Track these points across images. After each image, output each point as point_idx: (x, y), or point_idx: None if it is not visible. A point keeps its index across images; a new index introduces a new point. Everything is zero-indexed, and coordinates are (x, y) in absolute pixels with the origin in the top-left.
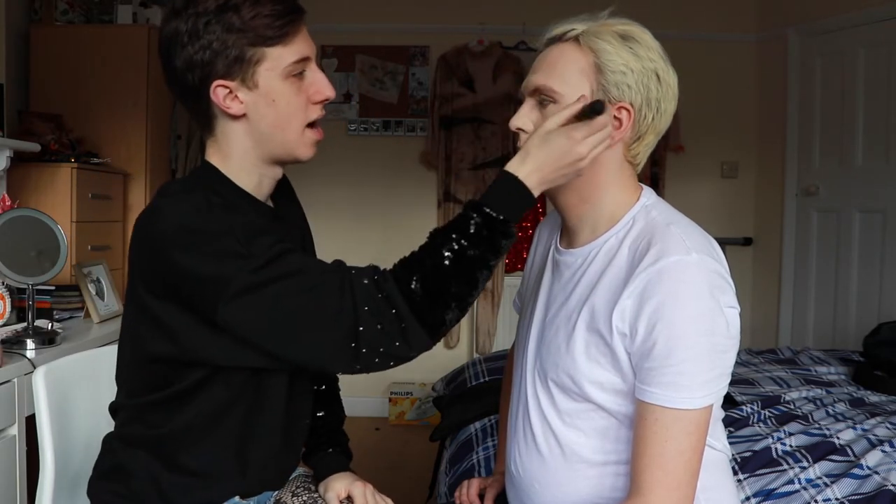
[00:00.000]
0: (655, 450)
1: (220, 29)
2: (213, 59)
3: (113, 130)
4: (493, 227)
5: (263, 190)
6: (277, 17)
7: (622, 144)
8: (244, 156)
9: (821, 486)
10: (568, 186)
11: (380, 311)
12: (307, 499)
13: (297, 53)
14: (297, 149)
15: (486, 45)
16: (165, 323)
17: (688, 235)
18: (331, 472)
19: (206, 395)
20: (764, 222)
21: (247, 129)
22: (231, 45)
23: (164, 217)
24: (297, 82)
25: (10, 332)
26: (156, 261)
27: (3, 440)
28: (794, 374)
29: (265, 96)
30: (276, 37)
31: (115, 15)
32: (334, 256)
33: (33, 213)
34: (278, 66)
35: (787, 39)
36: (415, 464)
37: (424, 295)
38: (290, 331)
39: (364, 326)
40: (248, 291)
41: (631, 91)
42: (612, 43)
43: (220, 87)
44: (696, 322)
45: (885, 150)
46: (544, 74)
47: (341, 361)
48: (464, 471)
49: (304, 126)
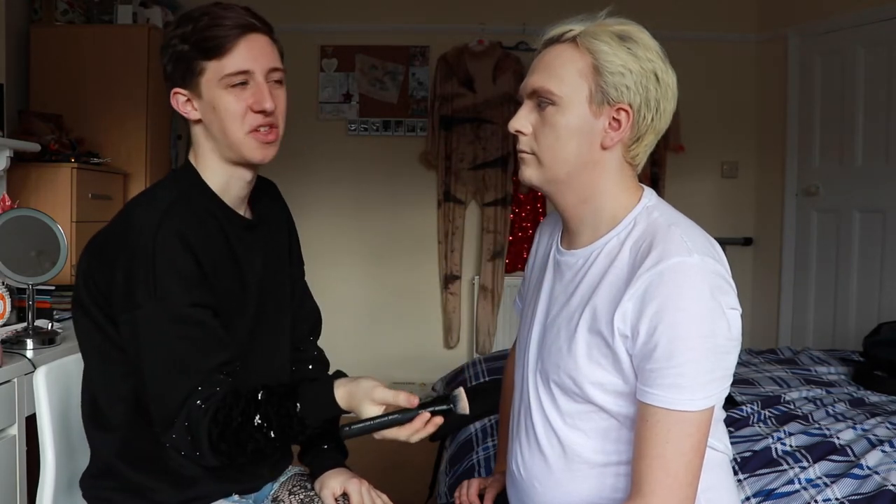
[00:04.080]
0: (656, 451)
1: (178, 42)
2: (174, 69)
3: (113, 130)
4: (300, 428)
5: (233, 191)
6: (218, 32)
7: (621, 145)
8: (209, 156)
9: (821, 486)
10: (568, 187)
11: (187, 442)
12: (304, 497)
13: (232, 66)
14: (244, 151)
15: (486, 45)
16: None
17: (689, 237)
18: (326, 468)
19: None
20: (764, 222)
21: (205, 133)
22: (183, 57)
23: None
24: (237, 92)
25: (10, 332)
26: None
27: (3, 440)
28: (794, 374)
29: (209, 104)
30: (211, 48)
31: (115, 15)
32: (335, 256)
33: (33, 213)
34: (215, 77)
35: (787, 39)
36: (415, 464)
37: (226, 450)
38: (152, 372)
39: (176, 435)
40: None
41: (630, 92)
42: (609, 44)
43: (179, 94)
44: (698, 324)
45: (885, 150)
46: (542, 76)
47: (163, 427)
48: (464, 471)
49: (246, 132)
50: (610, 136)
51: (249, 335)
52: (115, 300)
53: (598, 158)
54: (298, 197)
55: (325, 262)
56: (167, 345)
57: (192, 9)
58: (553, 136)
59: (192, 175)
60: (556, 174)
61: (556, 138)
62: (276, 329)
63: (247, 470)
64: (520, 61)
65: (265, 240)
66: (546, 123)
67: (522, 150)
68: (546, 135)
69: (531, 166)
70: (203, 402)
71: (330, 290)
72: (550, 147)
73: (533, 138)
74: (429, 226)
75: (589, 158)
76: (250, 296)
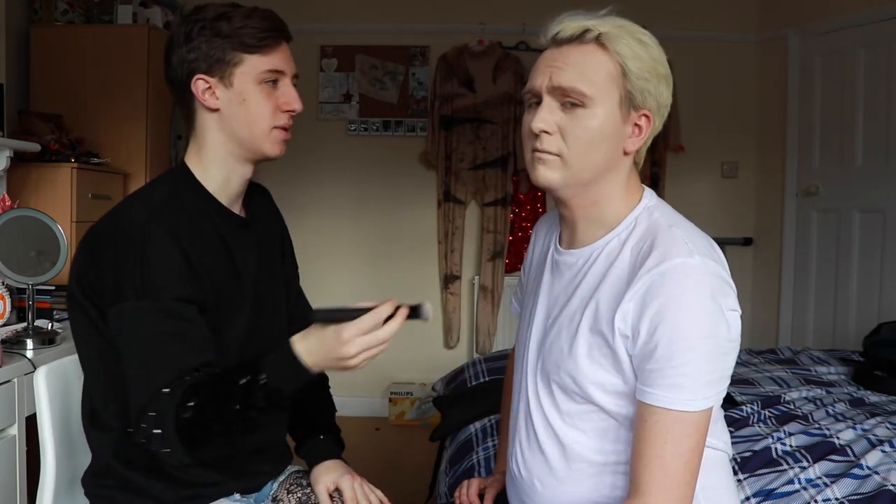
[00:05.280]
0: (655, 451)
1: (209, 33)
2: (198, 58)
3: (113, 130)
4: (271, 399)
5: (231, 189)
6: (261, 31)
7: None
8: (216, 149)
9: (821, 486)
10: (586, 190)
11: (157, 435)
12: (301, 495)
13: (271, 64)
14: (264, 145)
15: (486, 45)
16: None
17: (690, 238)
18: (321, 458)
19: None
20: (764, 222)
21: (220, 124)
22: (216, 47)
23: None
24: (268, 89)
25: (10, 332)
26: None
27: (3, 440)
28: (794, 374)
29: (237, 95)
30: (254, 45)
31: (115, 15)
32: (334, 256)
33: (33, 213)
34: (253, 71)
35: (787, 39)
36: (415, 464)
37: (193, 439)
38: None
39: (146, 425)
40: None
41: (651, 97)
42: (633, 48)
43: (201, 81)
44: (698, 325)
45: (885, 150)
46: (572, 75)
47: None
48: (464, 471)
49: (272, 128)
50: (632, 142)
51: (247, 330)
52: (105, 293)
53: (619, 163)
54: (299, 197)
55: (325, 261)
56: (150, 338)
57: (213, 5)
58: (586, 138)
59: (186, 174)
60: (582, 177)
61: (588, 141)
62: (274, 324)
63: (248, 467)
64: (520, 61)
65: (259, 238)
66: (577, 125)
67: (546, 151)
68: (577, 137)
69: (553, 168)
70: (172, 392)
71: (329, 289)
72: (581, 150)
73: (561, 139)
74: (429, 226)
75: (613, 163)
76: (247, 291)
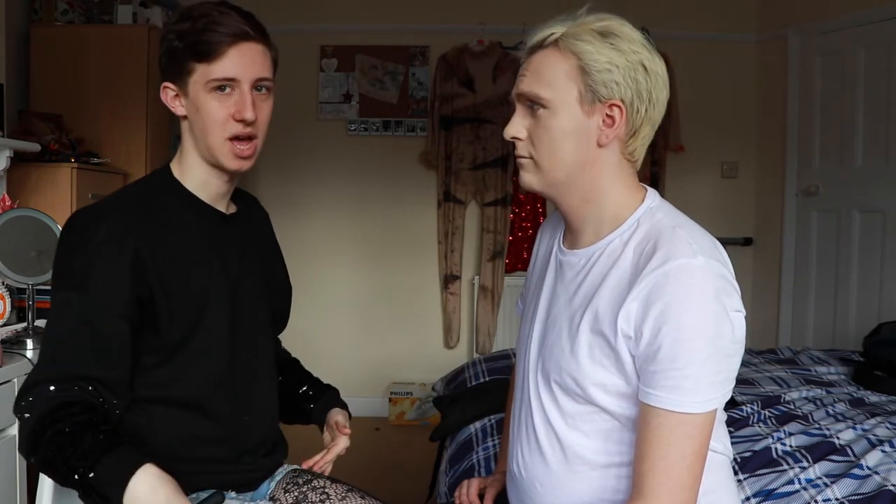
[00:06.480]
0: (658, 453)
1: (174, 37)
2: (167, 64)
3: (113, 130)
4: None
5: (211, 189)
6: (216, 38)
7: (618, 142)
8: (191, 152)
9: (821, 487)
10: (569, 189)
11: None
12: (297, 494)
13: (220, 72)
14: (220, 157)
15: (486, 45)
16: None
17: (694, 239)
18: (331, 407)
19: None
20: (764, 222)
21: (189, 129)
22: (177, 55)
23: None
24: (221, 97)
25: (10, 332)
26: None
27: (3, 440)
28: (794, 374)
29: (192, 104)
30: (203, 52)
31: (115, 15)
32: (334, 256)
33: (33, 213)
34: (202, 79)
35: (787, 39)
36: (415, 464)
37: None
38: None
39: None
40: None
41: (619, 87)
42: (592, 42)
43: (168, 89)
44: (702, 326)
45: (885, 150)
46: (530, 81)
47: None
48: (464, 471)
49: (225, 138)
50: (605, 134)
51: (229, 319)
52: (53, 277)
53: (596, 157)
54: (299, 197)
55: (325, 261)
56: (58, 333)
57: (194, 6)
58: (548, 139)
59: (165, 175)
60: (556, 177)
61: (550, 141)
62: (254, 323)
63: (246, 459)
64: (520, 61)
65: (244, 234)
66: (540, 127)
67: (520, 156)
68: (541, 138)
69: (530, 171)
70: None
71: (330, 289)
72: (547, 150)
73: (529, 143)
74: (429, 226)
75: (587, 158)
76: (223, 281)
